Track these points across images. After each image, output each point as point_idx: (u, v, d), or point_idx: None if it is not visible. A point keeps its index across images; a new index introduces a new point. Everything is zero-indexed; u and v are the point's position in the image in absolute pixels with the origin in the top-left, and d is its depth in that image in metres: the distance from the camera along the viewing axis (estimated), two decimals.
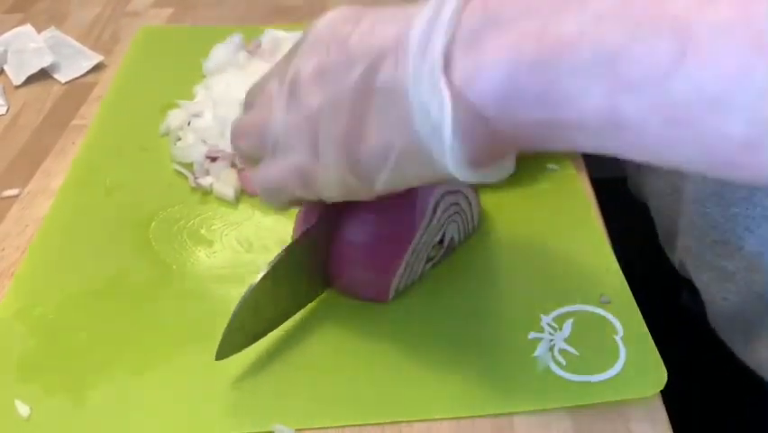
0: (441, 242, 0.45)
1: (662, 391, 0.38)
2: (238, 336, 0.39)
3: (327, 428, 0.38)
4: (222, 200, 0.52)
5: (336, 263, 0.43)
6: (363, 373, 0.40)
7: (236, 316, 0.38)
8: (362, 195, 0.36)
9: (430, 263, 0.45)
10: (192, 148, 0.55)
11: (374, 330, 0.42)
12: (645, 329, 0.41)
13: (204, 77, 0.64)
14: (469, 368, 0.40)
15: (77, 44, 0.73)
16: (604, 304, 0.43)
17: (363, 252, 0.42)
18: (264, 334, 0.41)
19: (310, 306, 0.44)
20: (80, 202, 0.53)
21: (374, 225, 0.42)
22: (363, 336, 0.42)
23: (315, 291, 0.44)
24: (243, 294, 0.38)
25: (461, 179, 0.31)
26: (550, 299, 0.43)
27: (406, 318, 0.42)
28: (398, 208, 0.41)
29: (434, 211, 0.43)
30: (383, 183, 0.34)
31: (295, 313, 0.43)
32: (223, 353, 0.39)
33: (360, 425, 0.38)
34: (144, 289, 0.46)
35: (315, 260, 0.42)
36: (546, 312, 0.42)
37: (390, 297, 0.43)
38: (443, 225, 0.44)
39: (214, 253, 0.48)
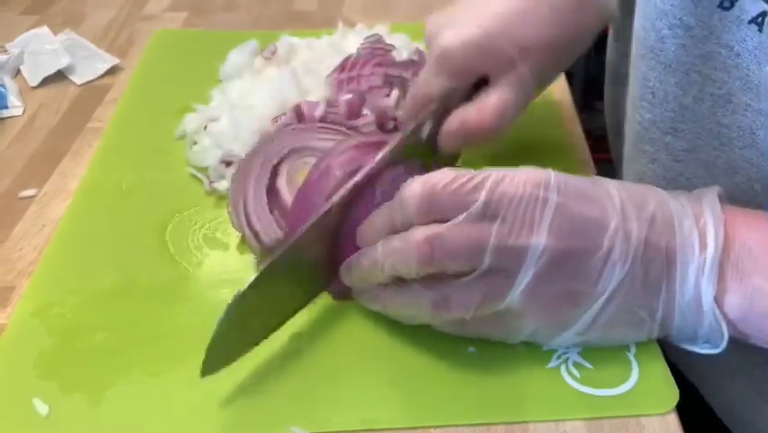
0: None
1: (677, 406, 0.39)
2: (223, 350, 0.39)
3: (343, 432, 0.38)
4: None
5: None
6: (379, 378, 0.40)
7: (218, 332, 0.38)
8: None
9: None
10: (208, 152, 0.56)
11: (389, 336, 0.43)
12: (658, 349, 0.41)
13: (219, 81, 0.65)
14: (485, 375, 0.40)
15: (93, 47, 0.73)
16: None
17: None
18: (255, 343, 0.41)
19: (322, 309, 0.44)
20: (96, 204, 0.53)
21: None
22: (378, 343, 0.42)
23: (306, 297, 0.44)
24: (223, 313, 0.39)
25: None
26: None
27: (421, 325, 0.43)
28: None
29: None
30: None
31: (287, 319, 0.43)
32: (208, 369, 0.39)
33: (375, 430, 0.38)
34: (160, 290, 0.46)
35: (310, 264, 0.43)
36: None
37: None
38: None
39: (230, 256, 0.49)
